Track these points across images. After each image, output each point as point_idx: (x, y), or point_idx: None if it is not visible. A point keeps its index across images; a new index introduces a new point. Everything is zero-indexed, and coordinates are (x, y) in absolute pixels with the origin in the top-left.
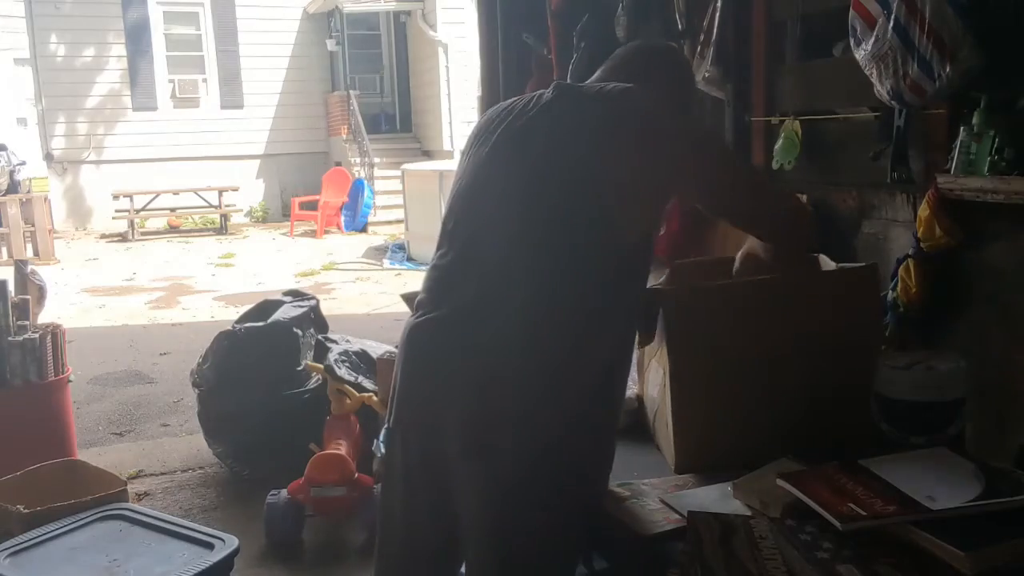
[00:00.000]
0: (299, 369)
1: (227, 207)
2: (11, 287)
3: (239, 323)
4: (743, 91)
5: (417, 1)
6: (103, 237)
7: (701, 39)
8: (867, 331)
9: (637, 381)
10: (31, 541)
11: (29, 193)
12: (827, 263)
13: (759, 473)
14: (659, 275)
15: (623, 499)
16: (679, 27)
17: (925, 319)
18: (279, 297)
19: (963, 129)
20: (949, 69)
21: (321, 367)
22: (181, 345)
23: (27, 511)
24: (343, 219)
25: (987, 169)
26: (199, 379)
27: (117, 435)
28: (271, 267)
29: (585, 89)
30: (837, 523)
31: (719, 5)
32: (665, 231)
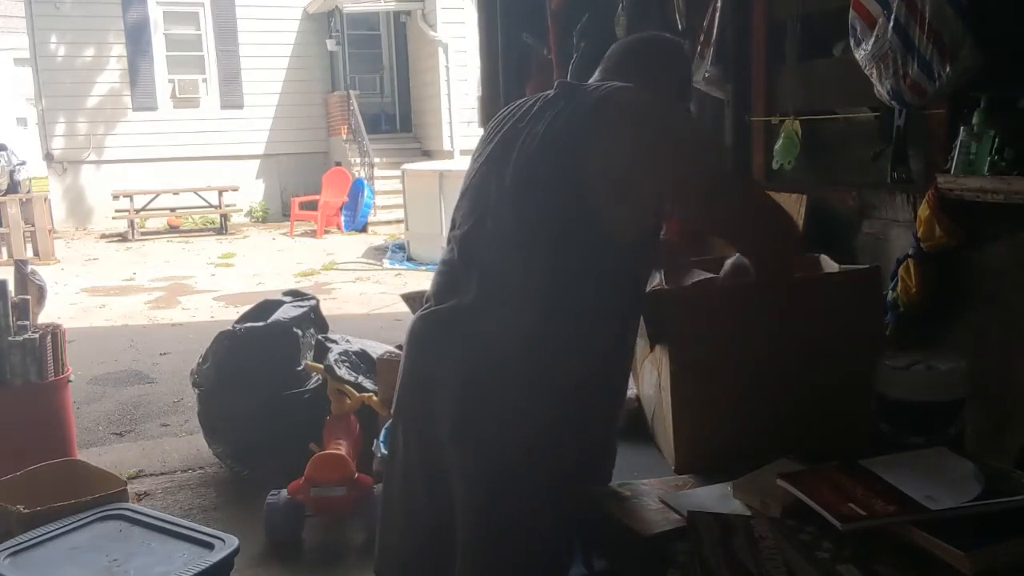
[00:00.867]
0: (299, 369)
1: (227, 207)
2: (11, 287)
3: (239, 323)
4: (743, 91)
5: (417, 1)
6: (103, 237)
7: (701, 39)
8: (868, 333)
9: (633, 381)
10: (31, 541)
11: (29, 193)
12: (828, 263)
13: (759, 473)
14: (659, 276)
15: (623, 499)
16: (679, 27)
17: (925, 319)
18: (279, 297)
19: (963, 129)
20: (949, 69)
21: (321, 367)
22: (181, 345)
23: (27, 511)
24: (343, 219)
25: (987, 169)
26: (199, 379)
27: (117, 435)
28: (271, 267)
29: (584, 88)
30: (837, 523)
31: (719, 5)
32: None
